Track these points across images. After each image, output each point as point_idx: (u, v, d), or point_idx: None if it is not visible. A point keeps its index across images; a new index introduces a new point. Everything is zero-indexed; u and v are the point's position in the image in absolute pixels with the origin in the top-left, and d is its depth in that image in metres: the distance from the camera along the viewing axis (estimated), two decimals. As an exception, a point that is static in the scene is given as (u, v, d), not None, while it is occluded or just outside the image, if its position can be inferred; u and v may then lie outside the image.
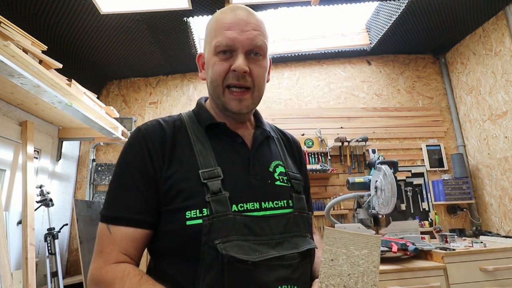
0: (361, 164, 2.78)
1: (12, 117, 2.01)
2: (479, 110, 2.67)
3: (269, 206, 0.63)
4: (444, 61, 3.05)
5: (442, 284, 1.77)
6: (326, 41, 2.99)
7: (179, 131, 0.67)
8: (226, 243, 0.54)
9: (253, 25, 0.64)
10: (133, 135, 0.65)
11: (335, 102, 3.00)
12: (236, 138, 0.69)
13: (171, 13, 2.13)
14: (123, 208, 0.59)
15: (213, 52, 0.65)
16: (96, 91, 2.79)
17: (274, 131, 0.80)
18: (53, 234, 2.05)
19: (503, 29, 2.38)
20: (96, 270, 0.57)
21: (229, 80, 0.63)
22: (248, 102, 0.66)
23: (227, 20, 0.64)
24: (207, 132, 0.68)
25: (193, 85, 3.04)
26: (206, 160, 0.62)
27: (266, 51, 0.66)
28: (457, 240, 2.20)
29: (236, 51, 0.63)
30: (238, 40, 0.62)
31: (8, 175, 1.99)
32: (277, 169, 0.69)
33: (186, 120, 0.70)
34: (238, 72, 0.62)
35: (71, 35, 2.24)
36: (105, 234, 0.59)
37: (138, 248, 0.60)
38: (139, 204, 0.59)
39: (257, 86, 0.66)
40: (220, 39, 0.63)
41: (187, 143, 0.65)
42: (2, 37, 1.36)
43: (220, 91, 0.65)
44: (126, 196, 0.60)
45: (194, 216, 0.56)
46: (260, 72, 0.66)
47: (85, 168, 2.81)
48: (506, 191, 2.41)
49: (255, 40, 0.63)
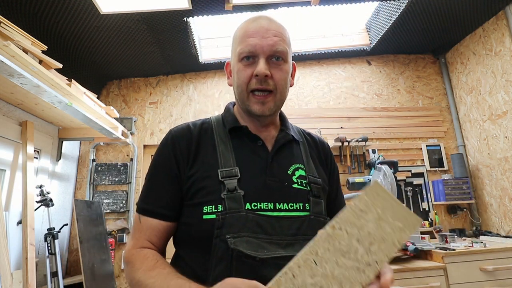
0: (361, 164, 2.78)
1: (12, 117, 2.01)
2: (479, 110, 2.67)
3: (284, 208, 0.65)
4: (444, 61, 3.05)
5: (442, 284, 1.77)
6: (326, 41, 2.99)
7: (205, 132, 0.73)
8: (236, 238, 0.58)
9: (273, 32, 0.68)
10: (165, 137, 0.73)
11: (335, 102, 3.00)
12: (257, 141, 0.73)
13: (171, 13, 2.13)
14: (150, 202, 0.68)
15: (237, 59, 0.70)
16: (96, 91, 2.79)
17: (300, 135, 0.83)
18: (53, 234, 2.05)
19: (503, 29, 2.38)
20: (127, 251, 0.67)
21: (253, 86, 0.68)
22: (271, 105, 0.69)
23: (250, 29, 0.69)
24: (231, 134, 0.73)
25: (193, 85, 3.04)
26: (226, 160, 0.67)
27: (287, 56, 0.70)
28: (457, 240, 2.20)
29: (258, 56, 0.67)
30: (259, 46, 0.67)
31: (8, 175, 1.99)
32: (296, 172, 0.72)
33: (213, 123, 0.76)
34: (260, 76, 0.66)
35: (71, 35, 2.24)
36: (136, 222, 0.69)
37: (160, 237, 0.68)
38: (163, 200, 0.67)
39: (279, 90, 0.69)
40: (243, 46, 0.68)
41: (211, 144, 0.71)
42: (2, 37, 1.36)
43: (244, 96, 0.70)
44: (153, 192, 0.69)
45: (210, 211, 0.62)
46: (282, 75, 0.69)
47: (85, 168, 2.81)
48: (506, 191, 2.41)
49: (275, 46, 0.67)
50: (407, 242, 1.86)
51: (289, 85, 0.74)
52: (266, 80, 0.67)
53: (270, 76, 0.67)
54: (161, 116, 2.96)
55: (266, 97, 0.68)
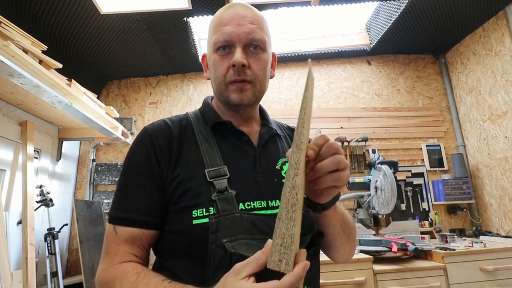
0: (361, 164, 2.78)
1: (12, 117, 2.01)
2: (479, 110, 2.67)
3: (276, 205, 0.62)
4: (444, 61, 3.05)
5: (442, 284, 1.77)
6: (326, 41, 2.99)
7: (185, 130, 0.67)
8: (234, 242, 0.54)
9: (249, 19, 0.64)
10: (139, 134, 0.66)
11: (335, 102, 3.00)
12: (242, 137, 0.69)
13: (171, 13, 2.13)
14: (129, 209, 0.60)
15: (213, 49, 0.65)
16: (96, 91, 2.79)
17: (280, 129, 0.80)
18: (53, 234, 2.05)
19: (503, 29, 2.38)
20: (102, 271, 0.58)
21: (231, 77, 0.63)
22: (249, 93, 0.65)
23: (225, 16, 0.65)
24: (213, 131, 0.68)
25: (193, 85, 3.04)
26: (212, 159, 0.62)
27: (265, 44, 0.66)
28: (457, 240, 2.20)
29: (234, 45, 0.63)
30: (235, 34, 0.62)
31: (8, 175, 1.99)
32: (284, 166, 0.69)
33: (192, 119, 0.71)
34: (237, 66, 0.62)
35: (71, 35, 2.24)
36: (111, 234, 0.59)
37: (144, 247, 0.60)
38: (145, 204, 0.60)
39: (258, 80, 0.65)
40: (217, 35, 0.64)
41: (194, 142, 0.65)
42: (2, 37, 1.36)
43: (222, 88, 0.65)
44: (132, 197, 0.60)
45: (201, 215, 0.56)
46: (260, 65, 0.65)
47: (85, 168, 2.81)
48: (506, 191, 2.41)
49: (252, 33, 0.63)
50: (407, 242, 1.86)
51: (269, 76, 0.71)
52: (244, 70, 0.63)
53: (248, 66, 0.63)
54: (161, 116, 2.96)
55: (244, 84, 0.64)
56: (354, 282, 1.75)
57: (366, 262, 1.81)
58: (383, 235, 2.20)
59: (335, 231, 0.61)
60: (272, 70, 0.73)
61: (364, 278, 1.75)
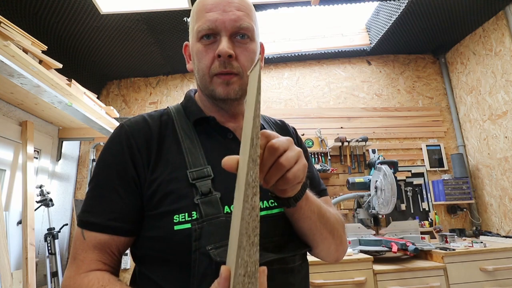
0: (361, 164, 2.78)
1: (12, 117, 2.01)
2: (479, 110, 2.67)
3: (264, 206, 0.58)
4: (444, 61, 3.05)
5: (442, 284, 1.77)
6: (326, 41, 2.99)
7: (166, 126, 0.62)
8: (219, 249, 0.49)
9: (236, 5, 0.58)
10: (115, 131, 0.60)
11: (335, 102, 3.00)
12: (227, 134, 0.63)
13: (171, 13, 2.13)
14: (98, 213, 0.54)
15: (196, 38, 0.60)
16: (96, 91, 2.79)
17: (267, 123, 0.75)
18: (53, 234, 2.05)
19: (503, 29, 2.38)
20: (67, 279, 0.53)
21: (216, 69, 0.58)
22: (236, 86, 0.59)
23: (209, 2, 0.59)
24: (196, 127, 0.63)
25: (193, 85, 3.04)
26: (194, 159, 0.57)
27: (253, 33, 0.60)
28: (457, 240, 2.20)
29: (220, 33, 0.58)
30: (220, 21, 0.57)
31: (8, 175, 1.99)
32: None
33: (174, 115, 0.65)
34: (223, 57, 0.56)
35: (71, 35, 2.24)
36: (79, 239, 0.54)
37: (114, 254, 0.56)
38: (117, 209, 0.54)
39: (245, 72, 0.59)
40: (201, 23, 0.58)
41: (175, 140, 0.60)
42: (2, 37, 1.36)
43: (207, 80, 0.60)
44: (102, 200, 0.55)
45: (183, 220, 0.51)
46: (248, 56, 0.59)
47: (85, 168, 2.81)
48: (506, 191, 2.41)
49: (239, 21, 0.58)
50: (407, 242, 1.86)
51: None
52: (230, 62, 0.57)
53: (235, 57, 0.58)
54: (161, 116, 2.96)
55: (231, 77, 0.58)
56: (354, 282, 1.75)
57: (366, 262, 1.81)
58: (383, 235, 2.21)
59: (311, 224, 0.55)
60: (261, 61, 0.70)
61: (364, 278, 1.75)
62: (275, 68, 3.07)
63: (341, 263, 1.79)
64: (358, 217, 2.36)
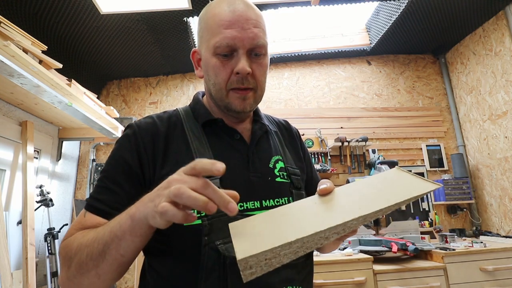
0: (361, 164, 2.78)
1: (12, 117, 2.01)
2: (479, 110, 2.67)
3: (270, 205, 0.61)
4: (444, 61, 3.05)
5: (442, 284, 1.77)
6: (326, 41, 2.99)
7: (175, 127, 0.65)
8: (227, 244, 0.52)
9: (253, 22, 0.60)
10: (125, 132, 0.64)
11: (335, 102, 3.00)
12: (234, 135, 0.66)
13: (171, 13, 2.13)
14: (102, 200, 0.58)
15: (212, 52, 0.61)
16: (96, 91, 2.79)
17: (272, 124, 0.78)
18: (53, 234, 2.05)
19: (503, 29, 2.38)
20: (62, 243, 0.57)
21: (233, 84, 0.61)
22: (251, 101, 0.64)
23: (226, 17, 0.60)
24: (204, 129, 0.66)
25: (193, 85, 3.04)
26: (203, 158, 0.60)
27: (267, 49, 0.64)
28: (457, 240, 2.20)
29: (237, 50, 0.60)
30: (238, 39, 0.59)
31: (8, 175, 1.99)
32: (277, 164, 0.67)
33: (182, 116, 0.68)
34: (241, 75, 0.60)
35: (71, 35, 2.24)
36: (80, 216, 0.59)
37: None
38: (118, 200, 0.57)
39: (259, 86, 0.64)
40: (219, 39, 0.59)
41: (184, 140, 0.63)
42: (2, 37, 1.36)
43: (223, 94, 0.63)
44: (107, 191, 0.58)
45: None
46: (262, 71, 0.64)
47: (85, 168, 2.81)
48: (506, 191, 2.41)
49: (256, 39, 0.60)
50: (407, 242, 1.86)
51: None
52: (247, 78, 0.61)
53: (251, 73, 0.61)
54: (161, 116, 2.96)
55: (247, 92, 0.62)
56: (354, 282, 1.75)
57: (366, 262, 1.81)
58: (383, 235, 2.20)
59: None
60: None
61: (364, 278, 1.75)
62: (275, 68, 3.07)
63: (341, 263, 1.79)
64: (358, 217, 2.36)
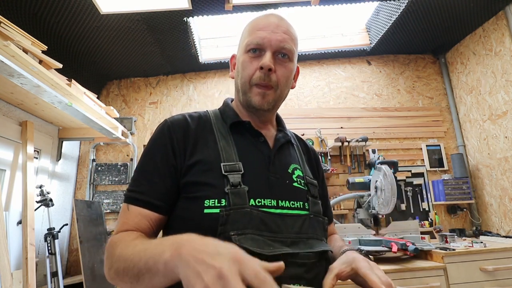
0: (361, 164, 2.78)
1: (12, 117, 2.01)
2: (479, 110, 2.67)
3: (286, 205, 0.64)
4: (444, 61, 3.05)
5: (442, 284, 1.77)
6: (326, 41, 2.99)
7: (204, 126, 0.71)
8: (241, 236, 0.55)
9: (283, 29, 0.69)
10: (160, 125, 0.70)
11: (335, 102, 3.00)
12: (259, 137, 0.72)
13: (171, 13, 2.13)
14: (143, 191, 0.62)
15: (244, 50, 0.70)
16: (96, 91, 2.79)
17: (294, 138, 0.85)
18: (53, 234, 2.05)
19: (503, 29, 2.38)
20: (112, 237, 0.60)
21: (256, 79, 0.68)
22: (270, 98, 0.69)
23: (260, 23, 0.70)
24: (231, 129, 0.72)
25: (193, 85, 3.04)
26: (228, 155, 0.65)
27: (293, 55, 0.70)
28: (457, 240, 2.20)
29: (265, 49, 0.67)
30: (267, 39, 0.67)
31: (8, 175, 1.99)
32: (295, 171, 0.72)
33: (212, 117, 0.75)
34: (264, 69, 0.66)
35: (71, 35, 2.24)
36: (124, 211, 0.62)
37: (151, 227, 0.62)
38: (159, 190, 0.62)
39: (280, 86, 0.69)
40: (251, 38, 0.68)
41: (212, 138, 0.69)
42: (2, 37, 1.36)
43: (247, 87, 0.70)
44: (148, 181, 0.63)
45: (212, 205, 0.58)
46: (285, 72, 0.69)
47: (85, 168, 2.81)
48: (506, 191, 2.41)
49: (283, 42, 0.67)
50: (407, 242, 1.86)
51: (290, 86, 0.75)
52: (269, 75, 0.67)
53: (274, 71, 0.67)
54: (161, 116, 2.96)
55: (268, 89, 0.68)
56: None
57: (366, 262, 1.80)
58: (383, 235, 2.20)
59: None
60: (294, 82, 0.78)
61: (364, 278, 1.74)
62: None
63: (341, 263, 1.79)
64: (358, 217, 2.36)
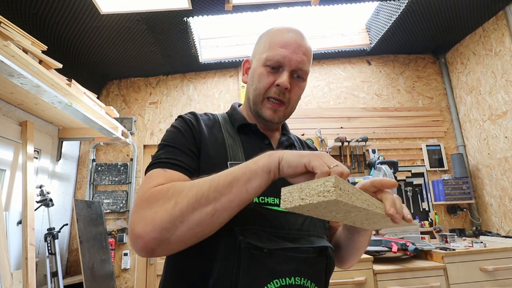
0: (361, 164, 2.78)
1: (12, 117, 2.01)
2: (479, 110, 2.67)
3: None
4: (444, 61, 3.05)
5: (442, 284, 1.77)
6: (326, 41, 2.99)
7: (213, 126, 0.74)
8: (244, 231, 0.57)
9: (304, 50, 0.72)
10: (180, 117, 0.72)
11: (335, 102, 3.00)
12: (264, 139, 0.76)
13: (171, 13, 2.13)
14: (181, 160, 0.61)
15: (262, 63, 0.72)
16: (96, 91, 2.79)
17: (297, 142, 0.87)
18: (53, 234, 2.05)
19: (503, 29, 2.38)
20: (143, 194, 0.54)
21: (271, 93, 0.71)
22: (281, 114, 0.73)
23: (283, 39, 0.71)
24: (238, 131, 0.75)
25: (193, 85, 3.04)
26: (235, 154, 0.68)
27: (307, 77, 0.74)
28: (457, 240, 2.20)
29: (283, 67, 0.70)
30: (288, 59, 0.69)
31: (8, 175, 1.99)
32: None
33: (220, 120, 0.78)
34: (281, 87, 0.69)
35: (71, 35, 2.24)
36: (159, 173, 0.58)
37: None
38: (193, 162, 0.63)
39: (291, 103, 0.73)
40: (272, 54, 0.70)
41: (220, 136, 0.71)
42: (2, 37, 1.36)
43: (259, 100, 0.73)
44: (181, 153, 0.63)
45: None
46: (298, 92, 0.73)
47: (85, 168, 2.81)
48: (506, 191, 2.41)
49: (302, 63, 0.70)
50: (407, 242, 1.86)
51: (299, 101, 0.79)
52: (284, 92, 0.70)
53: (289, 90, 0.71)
54: (161, 116, 2.96)
55: (280, 105, 0.72)
56: (354, 282, 1.75)
57: (366, 262, 1.81)
58: (383, 235, 2.20)
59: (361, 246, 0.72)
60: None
61: (364, 278, 1.75)
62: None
63: (341, 263, 1.80)
64: (358, 217, 2.36)
